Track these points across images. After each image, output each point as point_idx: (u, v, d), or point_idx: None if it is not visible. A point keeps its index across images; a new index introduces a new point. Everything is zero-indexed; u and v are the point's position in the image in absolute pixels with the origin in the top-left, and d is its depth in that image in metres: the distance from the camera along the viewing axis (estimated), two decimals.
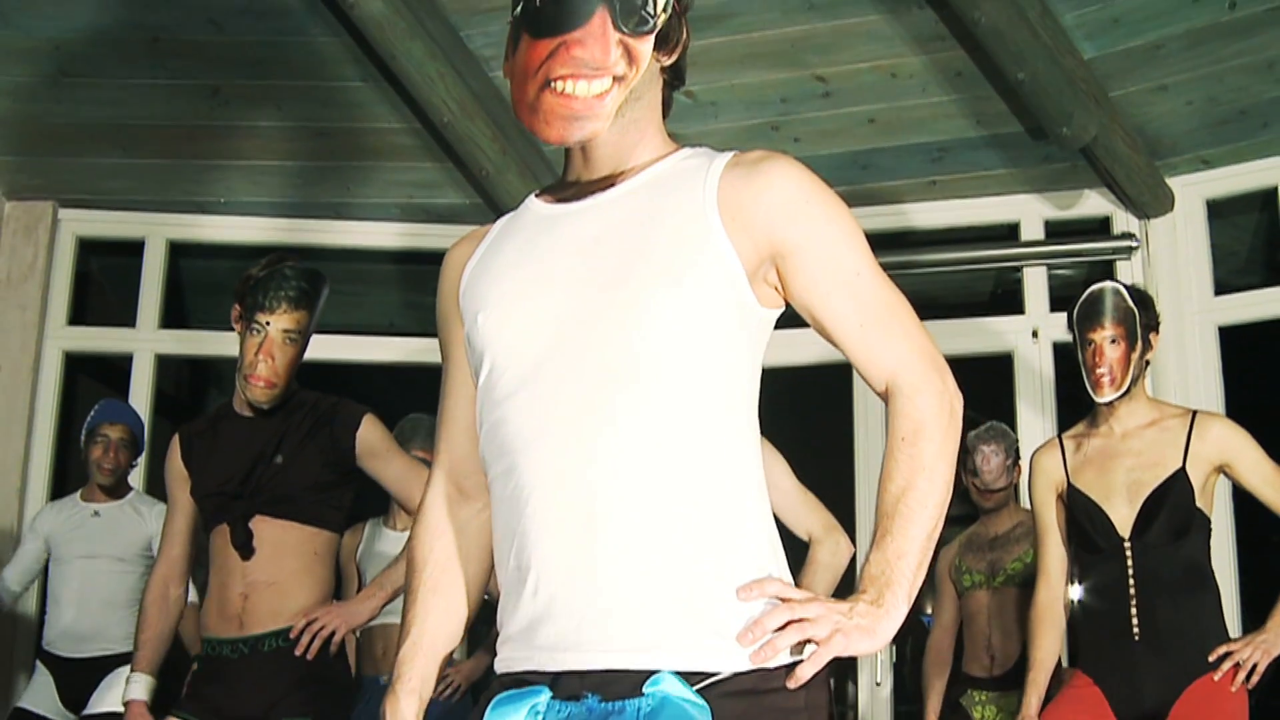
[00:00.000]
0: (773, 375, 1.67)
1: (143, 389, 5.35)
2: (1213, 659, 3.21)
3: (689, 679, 1.45)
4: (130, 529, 4.59)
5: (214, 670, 3.09)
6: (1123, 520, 3.34)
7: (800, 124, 4.99)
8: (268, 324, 3.14)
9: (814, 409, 5.73)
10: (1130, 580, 3.30)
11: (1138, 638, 3.26)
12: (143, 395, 5.32)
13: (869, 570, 1.53)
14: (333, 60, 4.82)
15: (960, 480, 4.43)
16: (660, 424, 1.50)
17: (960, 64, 4.68)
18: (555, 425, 1.53)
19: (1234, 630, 3.91)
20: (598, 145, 1.64)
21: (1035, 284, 5.25)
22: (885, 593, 1.50)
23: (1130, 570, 3.30)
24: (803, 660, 1.50)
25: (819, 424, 5.72)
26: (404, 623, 1.74)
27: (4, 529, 5.08)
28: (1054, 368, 5.14)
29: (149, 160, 5.24)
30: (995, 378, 5.20)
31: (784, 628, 1.48)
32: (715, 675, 1.46)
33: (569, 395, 1.53)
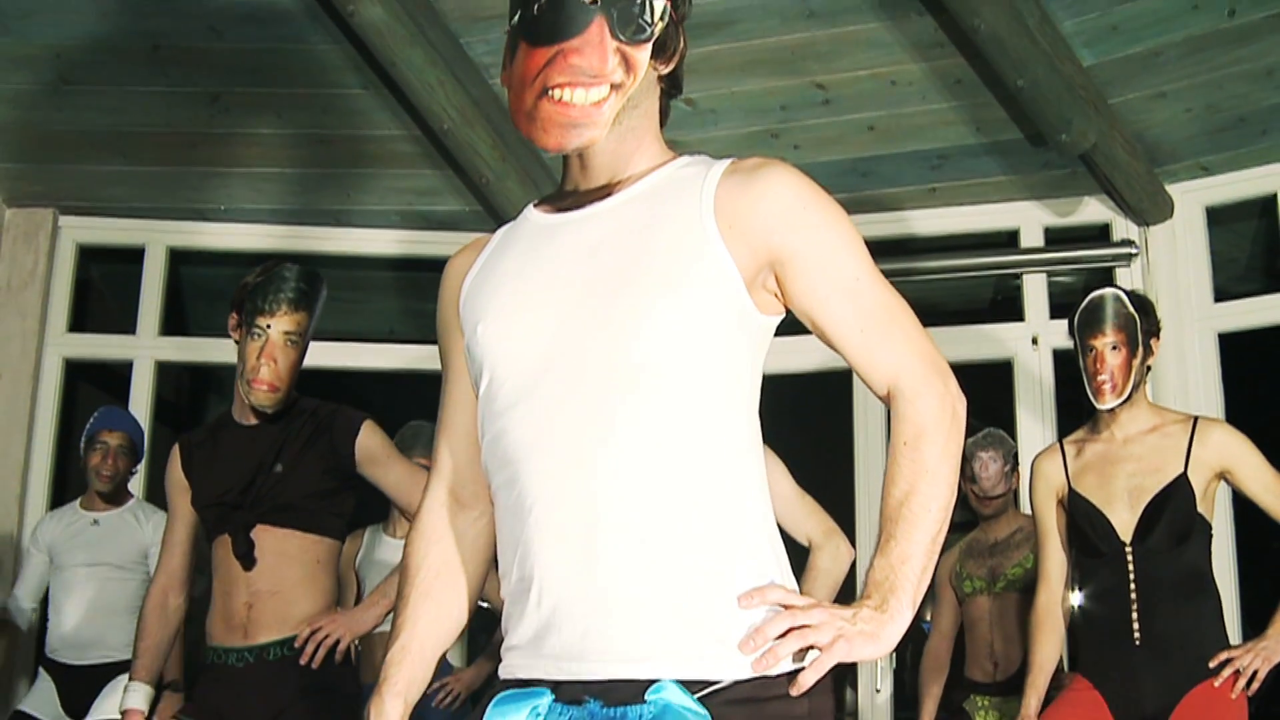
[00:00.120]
0: (773, 382, 1.67)
1: (143, 396, 5.35)
2: (1213, 665, 3.21)
3: (690, 687, 1.45)
4: (130, 537, 4.58)
5: (219, 679, 3.09)
6: (1124, 525, 3.34)
7: (800, 131, 5.00)
8: (268, 327, 3.13)
9: (814, 415, 5.73)
10: (1131, 585, 3.30)
11: (1138, 642, 3.26)
12: (143, 402, 5.31)
13: (873, 575, 1.52)
14: (333, 67, 4.82)
15: (959, 487, 4.44)
16: (661, 433, 1.50)
17: (960, 71, 4.69)
18: (556, 436, 1.53)
19: (1234, 637, 3.91)
20: (595, 154, 1.64)
21: (1035, 291, 5.26)
22: (889, 598, 1.50)
23: (1131, 575, 3.31)
24: (805, 667, 1.49)
25: (819, 430, 5.72)
26: (394, 626, 1.74)
27: (4, 536, 5.08)
28: (1054, 374, 5.14)
29: (149, 167, 5.25)
30: (995, 384, 5.20)
31: (785, 634, 1.47)
32: (716, 683, 1.46)
33: (570, 406, 1.53)
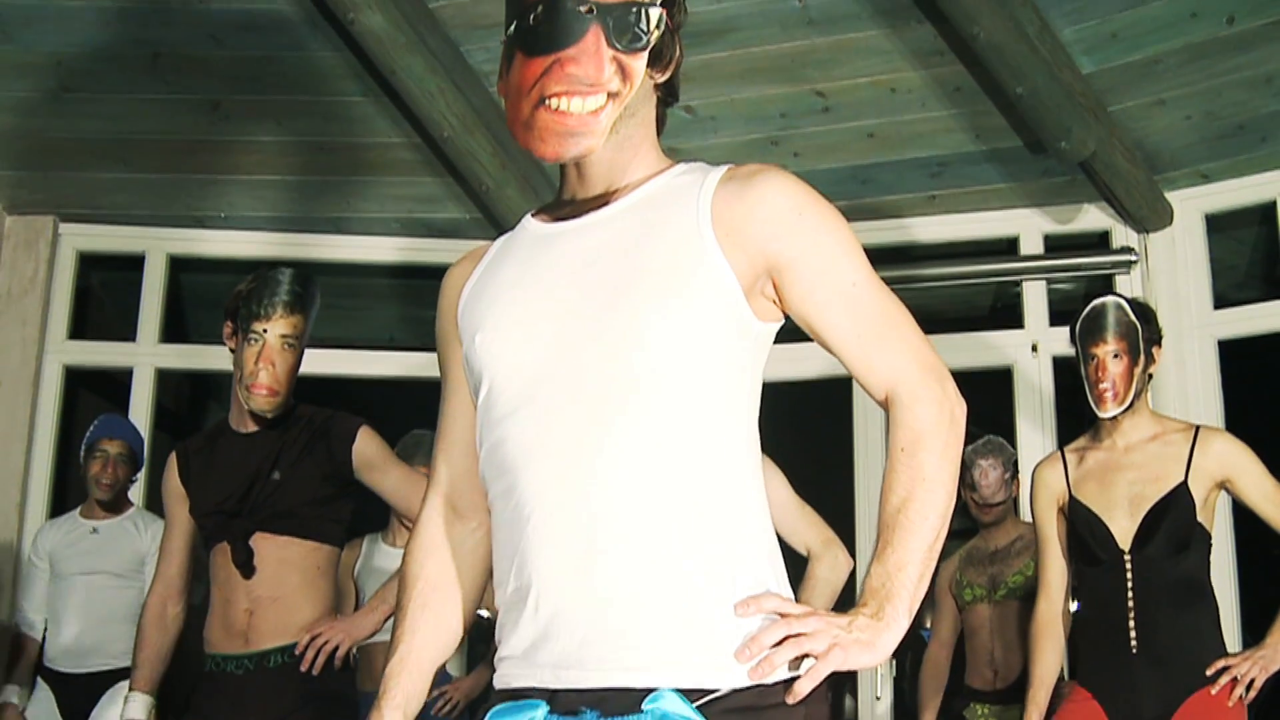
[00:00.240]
0: (773, 389, 1.67)
1: (143, 403, 5.35)
2: (1210, 673, 3.21)
3: (689, 696, 1.45)
4: (129, 545, 4.58)
5: (219, 686, 3.09)
6: (1123, 533, 3.34)
7: (800, 139, 5.00)
8: (265, 331, 3.13)
9: (814, 423, 5.73)
10: (1129, 593, 3.30)
11: (1135, 650, 3.26)
12: (143, 410, 5.31)
13: (869, 583, 1.52)
14: (333, 75, 4.83)
15: (959, 494, 4.44)
16: (659, 441, 1.50)
17: (959, 79, 4.69)
18: (554, 444, 1.53)
19: (1235, 645, 3.91)
20: (592, 163, 1.64)
21: (1035, 298, 5.25)
22: (886, 606, 1.50)
23: (1129, 583, 3.31)
24: (801, 675, 1.49)
25: (819, 438, 5.72)
26: (393, 638, 1.74)
27: (4, 543, 5.08)
28: (1053, 382, 5.14)
29: (150, 175, 5.25)
30: (995, 392, 5.20)
31: (781, 643, 1.47)
32: (715, 692, 1.46)
33: (567, 414, 1.53)
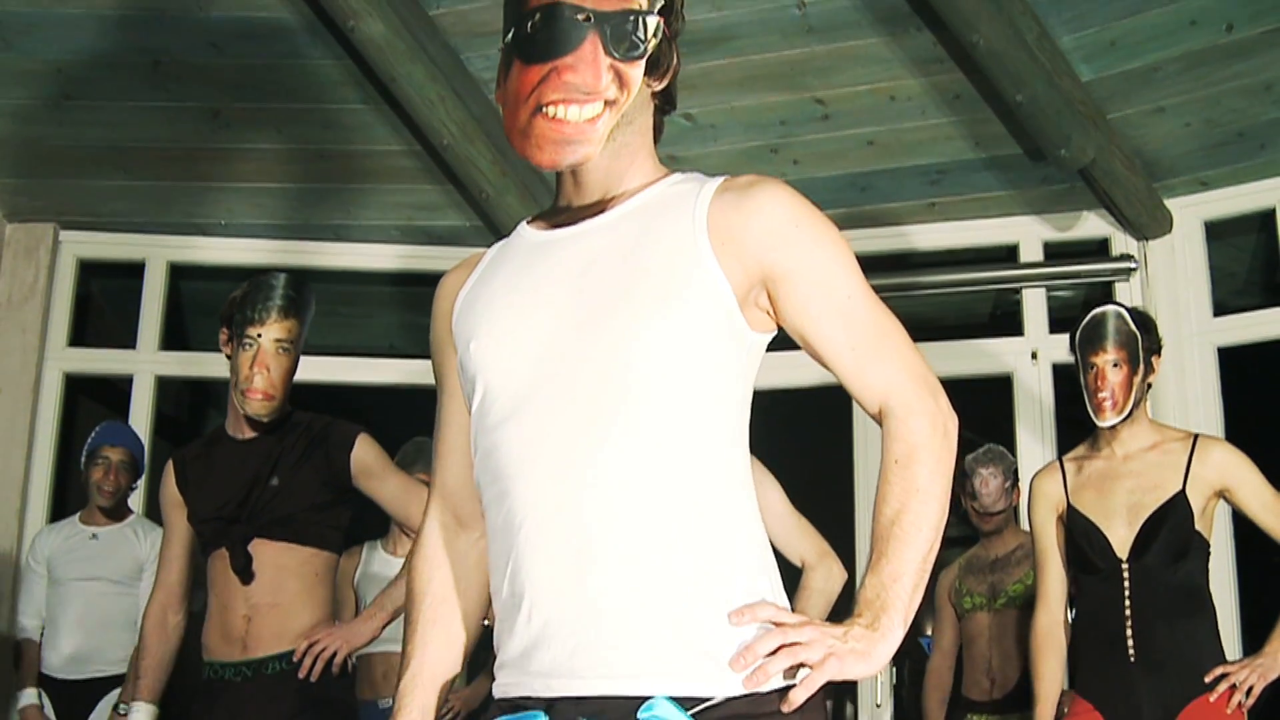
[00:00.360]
0: (772, 398, 1.68)
1: (143, 411, 5.35)
2: (1209, 680, 3.21)
3: (683, 704, 1.45)
4: (128, 552, 4.59)
5: (217, 693, 3.08)
6: (1121, 541, 3.34)
7: (799, 146, 5.01)
8: (259, 336, 3.13)
9: (814, 432, 5.73)
10: (1127, 601, 3.30)
11: (1133, 659, 3.26)
12: (143, 417, 5.32)
13: (864, 594, 1.52)
14: (333, 83, 4.83)
15: (959, 503, 4.44)
16: (652, 449, 1.50)
17: (959, 86, 4.70)
18: (547, 452, 1.53)
19: (1235, 653, 3.91)
20: (589, 170, 1.64)
21: (1034, 306, 5.26)
22: (880, 616, 1.50)
23: (1127, 591, 3.30)
24: (796, 684, 1.49)
25: (819, 447, 5.72)
26: (404, 654, 1.75)
27: (3, 551, 5.08)
28: (1053, 389, 5.14)
29: (150, 182, 5.26)
30: (994, 399, 5.20)
31: (776, 652, 1.47)
32: (709, 700, 1.46)
33: (561, 422, 1.53)
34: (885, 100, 4.79)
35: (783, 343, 1.65)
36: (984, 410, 4.13)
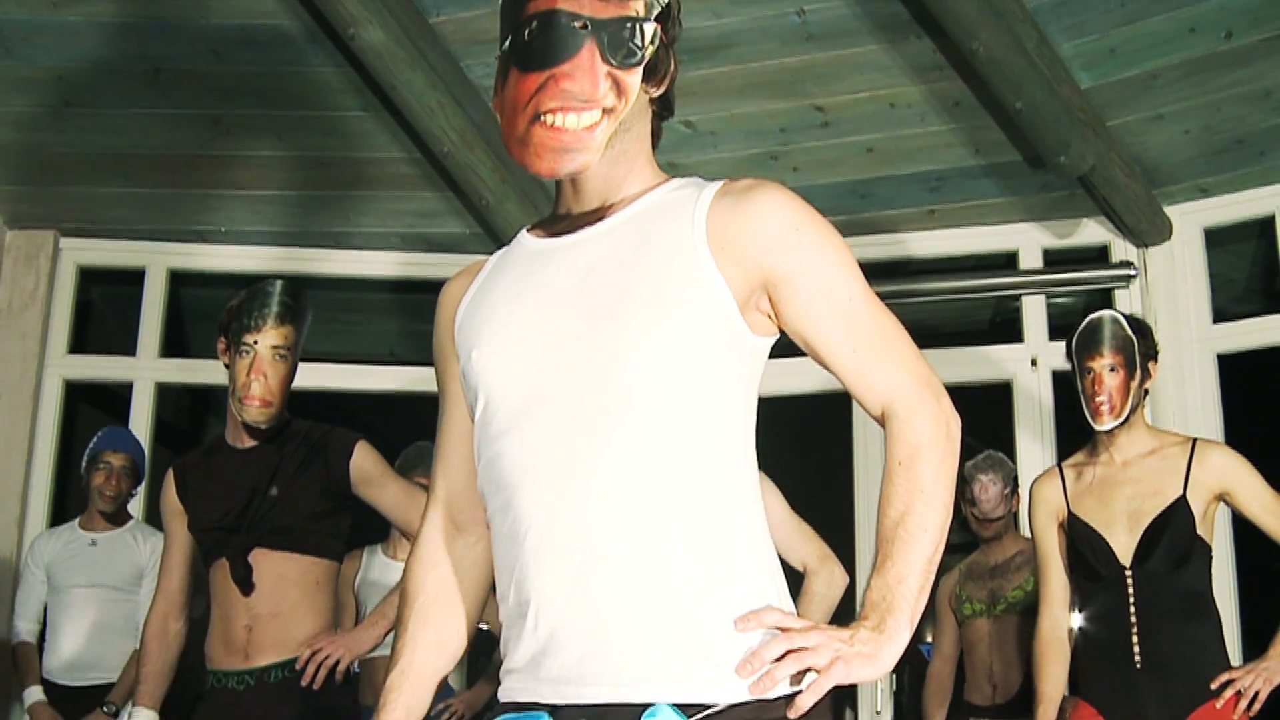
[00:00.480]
0: (771, 404, 1.68)
1: (143, 417, 5.35)
2: (1214, 686, 3.21)
3: (686, 710, 1.45)
4: (127, 558, 4.58)
5: (220, 702, 3.08)
6: (1124, 548, 3.34)
7: (799, 153, 5.01)
8: (256, 343, 3.13)
9: (813, 437, 5.73)
10: (1131, 608, 3.30)
11: (1139, 665, 3.26)
12: (143, 424, 5.31)
13: (870, 596, 1.52)
14: (333, 90, 4.84)
15: (959, 509, 4.44)
16: (655, 456, 1.50)
17: (958, 93, 4.70)
18: (550, 460, 1.53)
19: (1235, 658, 3.90)
20: (588, 178, 1.64)
21: (1034, 312, 5.26)
22: (887, 618, 1.50)
23: (1132, 598, 3.30)
24: (803, 690, 1.49)
25: (818, 453, 5.72)
26: (393, 652, 1.74)
27: (3, 557, 5.07)
28: (1053, 396, 5.14)
29: (150, 189, 5.26)
30: (994, 406, 5.20)
31: (782, 657, 1.47)
32: (712, 707, 1.46)
33: (564, 430, 1.53)
34: (885, 107, 4.80)
35: (779, 350, 1.65)
36: (984, 417, 4.13)
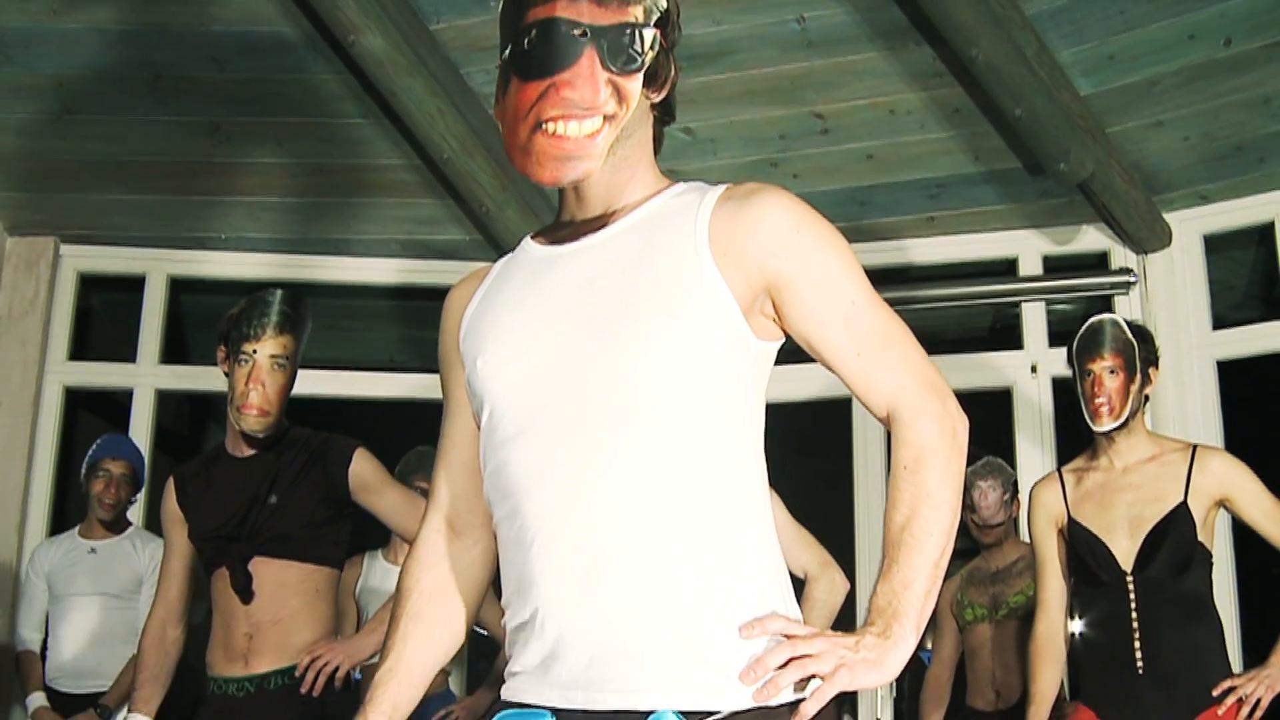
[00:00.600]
0: (771, 410, 1.67)
1: (143, 424, 5.35)
2: (1217, 693, 3.21)
3: (690, 717, 1.45)
4: (127, 565, 4.58)
5: (221, 709, 3.08)
6: (1125, 554, 3.34)
7: (799, 160, 5.01)
8: (254, 352, 3.14)
9: (814, 444, 5.73)
10: (1133, 613, 3.30)
11: (1141, 671, 3.26)
12: (143, 430, 5.31)
13: (876, 602, 1.51)
14: (333, 97, 4.84)
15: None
16: (661, 463, 1.50)
17: (958, 100, 4.71)
18: (556, 467, 1.53)
19: (1236, 664, 3.90)
20: (590, 185, 1.64)
21: (1034, 319, 5.26)
22: (893, 624, 1.49)
23: (1133, 604, 3.30)
24: (807, 698, 1.49)
25: (818, 459, 5.72)
26: (383, 648, 1.74)
27: (3, 564, 5.07)
28: (1053, 402, 5.14)
29: (150, 196, 5.26)
30: (994, 413, 5.20)
31: (787, 664, 1.47)
32: (715, 713, 1.46)
33: (569, 438, 1.53)
34: (885, 114, 4.80)
35: (778, 357, 1.64)
36: (984, 423, 4.11)
